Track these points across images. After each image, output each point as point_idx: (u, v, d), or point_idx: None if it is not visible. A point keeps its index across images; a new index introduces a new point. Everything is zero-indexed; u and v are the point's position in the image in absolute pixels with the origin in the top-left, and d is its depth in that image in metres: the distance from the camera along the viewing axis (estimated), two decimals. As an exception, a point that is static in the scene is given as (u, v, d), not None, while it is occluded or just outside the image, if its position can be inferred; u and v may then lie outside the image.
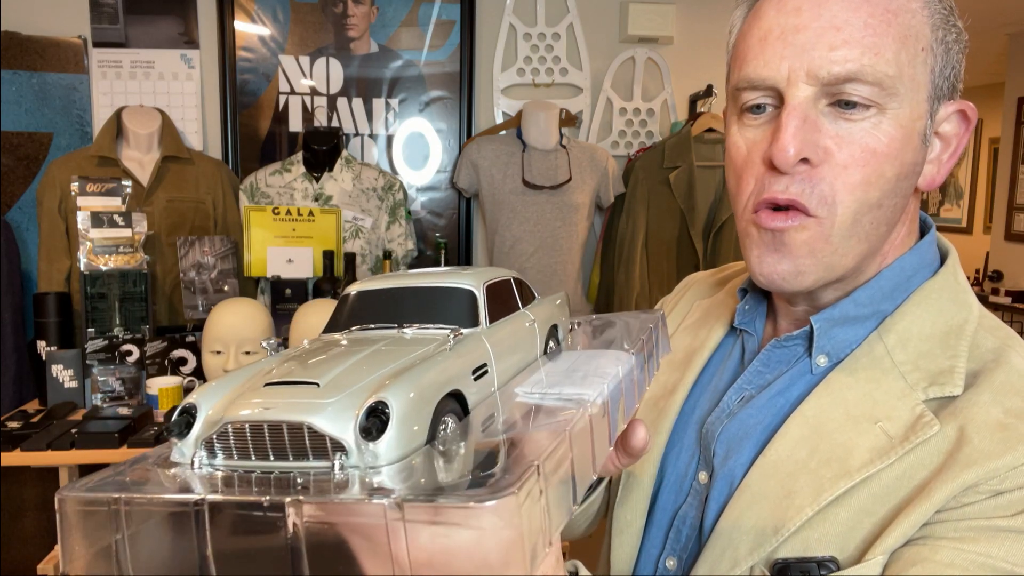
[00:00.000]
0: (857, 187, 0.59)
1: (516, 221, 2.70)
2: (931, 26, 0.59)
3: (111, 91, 2.73)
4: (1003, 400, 0.57)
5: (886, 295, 0.65)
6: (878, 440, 0.59)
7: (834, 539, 0.58)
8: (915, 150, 0.60)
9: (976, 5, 3.42)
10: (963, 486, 0.55)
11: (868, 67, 0.56)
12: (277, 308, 2.27)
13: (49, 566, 1.87)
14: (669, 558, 0.69)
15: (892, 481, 0.58)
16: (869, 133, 0.58)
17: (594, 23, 2.98)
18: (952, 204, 5.86)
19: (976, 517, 0.54)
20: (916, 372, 0.61)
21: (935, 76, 0.60)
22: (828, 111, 0.59)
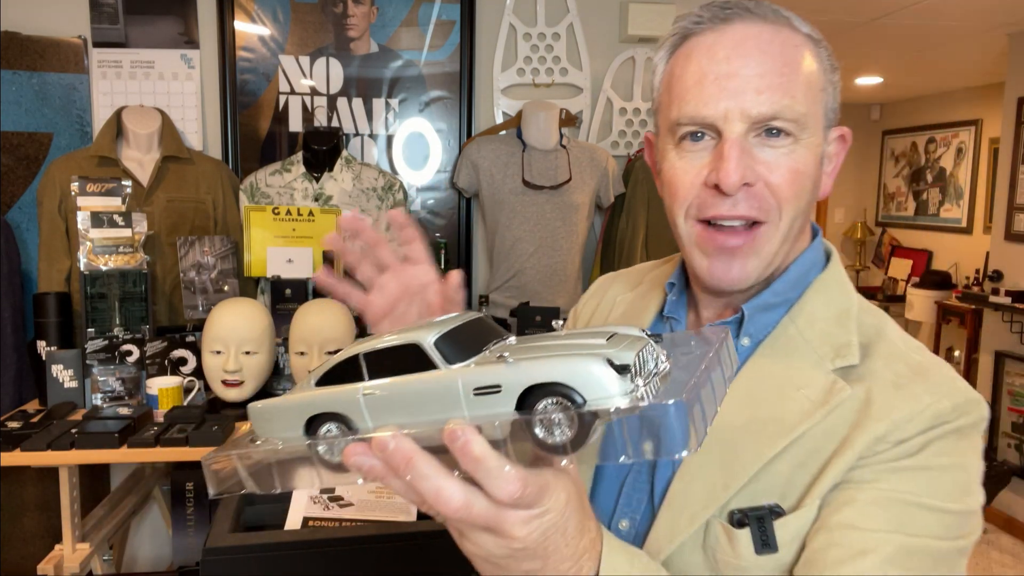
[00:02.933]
0: (792, 199, 0.73)
1: (516, 221, 2.70)
2: (822, 71, 0.74)
3: (111, 91, 2.73)
4: (891, 366, 0.72)
5: (793, 285, 0.79)
6: (803, 404, 0.71)
7: (775, 489, 0.70)
8: (818, 168, 0.75)
9: (976, 5, 3.42)
10: (875, 437, 0.68)
11: (787, 107, 0.70)
12: (277, 308, 2.27)
13: (49, 566, 1.87)
14: (622, 521, 0.78)
15: (819, 437, 0.70)
16: (789, 157, 0.72)
17: (594, 23, 2.98)
18: (952, 204, 5.86)
19: (887, 461, 0.68)
20: (824, 347, 0.74)
21: (827, 110, 0.75)
22: (756, 141, 0.72)
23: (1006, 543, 3.84)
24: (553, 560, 0.54)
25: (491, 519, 0.50)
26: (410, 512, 1.22)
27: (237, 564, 1.06)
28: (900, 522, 0.66)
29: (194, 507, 2.33)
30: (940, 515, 0.67)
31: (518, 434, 0.48)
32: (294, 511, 1.19)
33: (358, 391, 0.53)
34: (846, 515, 0.66)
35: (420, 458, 0.50)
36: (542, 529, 0.52)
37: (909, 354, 0.74)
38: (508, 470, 0.48)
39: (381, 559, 1.10)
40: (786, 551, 0.68)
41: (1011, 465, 3.85)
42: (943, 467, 0.68)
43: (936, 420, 0.68)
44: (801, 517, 0.68)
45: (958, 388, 0.71)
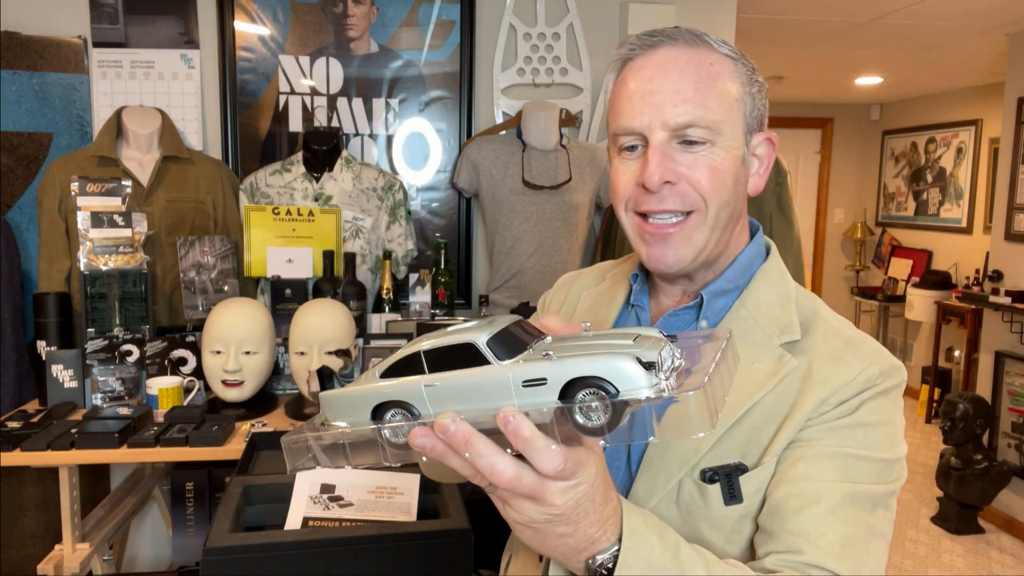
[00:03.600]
0: (714, 191, 0.85)
1: (516, 221, 2.70)
2: (739, 84, 0.86)
3: (111, 91, 2.73)
4: (828, 340, 0.86)
5: (740, 273, 0.92)
6: (758, 375, 0.84)
7: (738, 448, 0.82)
8: (739, 168, 0.87)
9: (976, 5, 3.42)
10: (818, 400, 0.81)
11: (701, 116, 0.83)
12: (277, 308, 2.27)
13: (49, 566, 1.87)
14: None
15: (772, 403, 0.83)
16: (708, 157, 0.85)
17: (594, 23, 2.98)
18: (952, 204, 5.85)
19: (829, 420, 0.81)
20: (771, 326, 0.88)
21: (747, 117, 0.87)
22: (678, 147, 0.85)
23: (1006, 543, 3.84)
24: (583, 524, 0.65)
25: (535, 489, 0.61)
26: (410, 512, 1.22)
27: (237, 564, 1.06)
28: (845, 472, 0.79)
29: (194, 507, 2.33)
30: (875, 464, 0.80)
31: (561, 419, 0.59)
32: (294, 511, 1.19)
33: (420, 383, 0.63)
34: (800, 469, 0.79)
35: (477, 438, 0.60)
36: (576, 498, 0.63)
37: (842, 329, 0.89)
38: (553, 448, 0.59)
39: (381, 559, 1.10)
40: (750, 501, 0.81)
41: (1011, 465, 3.85)
42: (875, 423, 0.81)
43: (867, 384, 0.82)
44: (762, 472, 0.81)
45: (883, 357, 0.85)
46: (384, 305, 2.51)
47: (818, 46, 4.34)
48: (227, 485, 1.29)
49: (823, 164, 6.85)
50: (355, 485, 1.23)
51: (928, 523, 4.04)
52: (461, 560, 1.13)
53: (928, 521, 4.05)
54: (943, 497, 4.02)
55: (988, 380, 4.08)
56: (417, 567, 1.11)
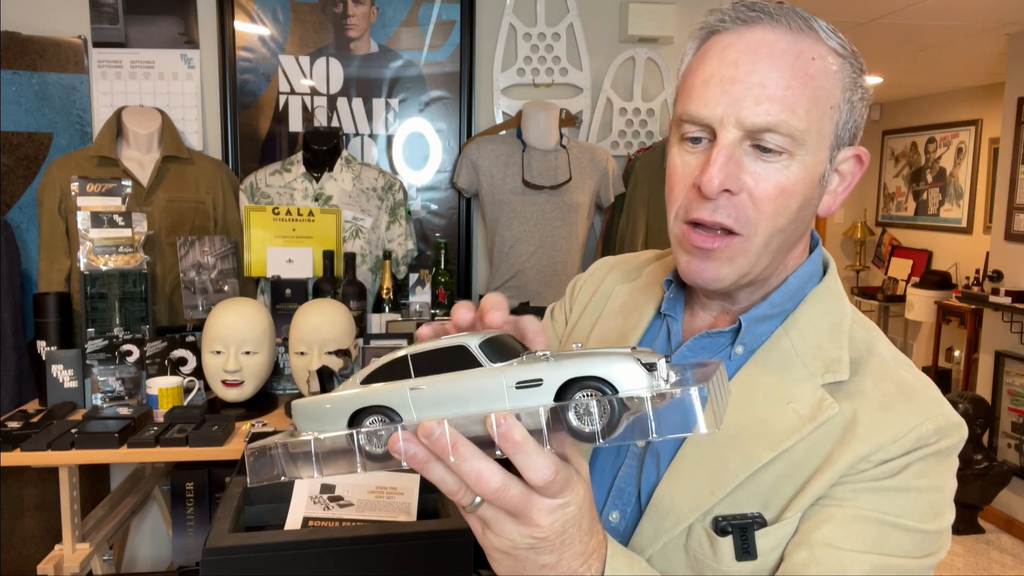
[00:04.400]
0: (770, 216, 0.73)
1: (516, 221, 2.70)
2: (841, 88, 0.72)
3: (111, 91, 2.73)
4: (880, 385, 0.74)
5: (789, 297, 0.80)
6: (791, 419, 0.73)
7: (758, 498, 0.72)
8: (814, 188, 0.74)
9: (976, 5, 3.42)
10: (858, 456, 0.70)
11: (784, 122, 0.70)
12: (277, 308, 2.27)
13: (49, 566, 1.87)
14: (613, 512, 0.81)
15: (805, 452, 0.72)
16: (780, 173, 0.71)
17: (594, 23, 2.98)
18: (952, 204, 5.86)
19: (869, 480, 0.70)
20: (815, 361, 0.75)
21: (839, 128, 0.73)
22: (750, 151, 0.72)
23: (1006, 543, 3.84)
24: (567, 556, 0.58)
25: (522, 503, 0.55)
26: (410, 512, 1.22)
27: (237, 564, 1.06)
28: (876, 541, 0.68)
29: (194, 507, 2.33)
30: (914, 535, 0.70)
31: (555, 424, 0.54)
32: (294, 511, 1.19)
33: (406, 386, 0.58)
34: (826, 532, 0.68)
35: (463, 443, 0.55)
36: (563, 520, 0.57)
37: (898, 371, 0.76)
38: (542, 455, 0.54)
39: (381, 559, 1.10)
40: (765, 559, 0.71)
41: (1011, 465, 3.85)
42: (921, 488, 0.70)
43: (918, 443, 0.70)
44: (782, 529, 0.71)
45: (942, 412, 0.73)
46: (384, 305, 2.51)
47: (818, 46, 4.33)
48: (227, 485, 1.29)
49: (823, 164, 6.85)
50: (355, 485, 1.23)
51: (928, 523, 4.04)
52: (461, 560, 1.13)
53: (928, 521, 4.05)
54: (943, 497, 4.02)
55: (988, 380, 4.09)
56: (417, 567, 1.11)
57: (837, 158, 0.75)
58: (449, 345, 0.58)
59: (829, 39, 0.72)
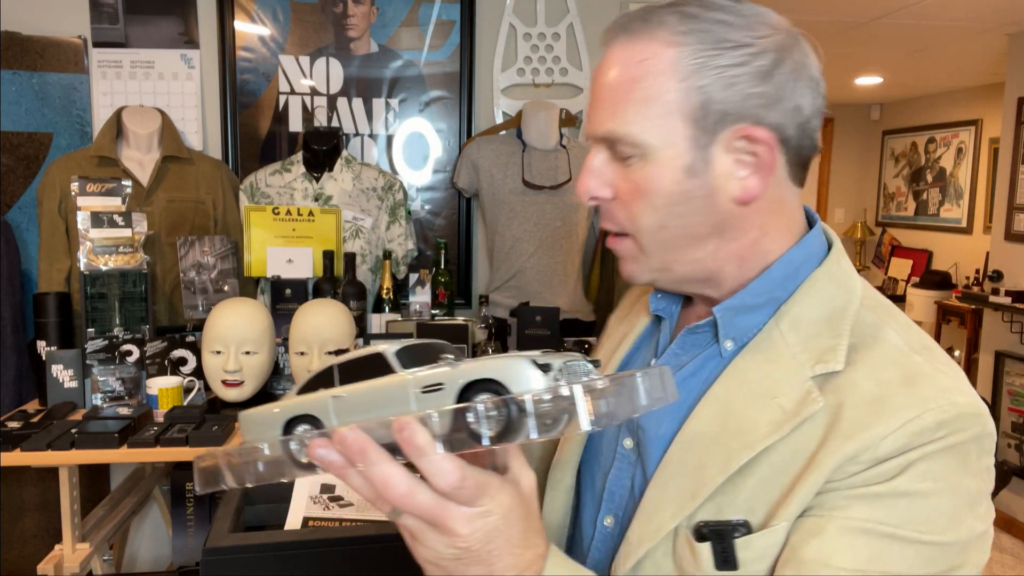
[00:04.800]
0: (640, 216, 0.72)
1: (516, 221, 2.70)
2: (679, 78, 0.68)
3: (111, 91, 2.73)
4: (878, 373, 0.66)
5: (778, 284, 0.74)
6: (775, 415, 0.67)
7: (743, 504, 0.66)
8: (681, 181, 0.70)
9: (976, 5, 3.42)
10: (845, 457, 0.63)
11: (614, 130, 0.70)
12: (277, 308, 2.27)
13: (49, 566, 1.87)
14: (607, 517, 0.79)
15: (788, 452, 0.66)
16: (636, 174, 0.71)
17: (594, 23, 2.98)
18: (952, 204, 5.86)
19: (858, 486, 0.63)
20: (805, 352, 0.69)
21: (694, 117, 0.68)
22: (612, 159, 0.73)
23: (1006, 543, 3.84)
24: (498, 567, 0.56)
25: (435, 511, 0.54)
26: None
27: (237, 564, 1.06)
28: (873, 557, 0.61)
29: (194, 507, 2.33)
30: (921, 548, 0.61)
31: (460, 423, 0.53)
32: (294, 511, 1.19)
33: (329, 395, 0.61)
34: (814, 548, 0.62)
35: (371, 447, 0.54)
36: (485, 530, 0.55)
37: (908, 356, 0.67)
38: (447, 460, 0.53)
39: (381, 559, 1.10)
40: (747, 569, 0.65)
41: (1011, 465, 3.85)
42: (926, 493, 0.62)
43: (918, 438, 0.62)
44: (766, 537, 0.65)
45: (951, 400, 0.63)
46: (384, 305, 2.51)
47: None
48: (227, 485, 1.29)
49: (823, 164, 6.85)
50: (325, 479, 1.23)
51: (928, 523, 4.04)
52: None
53: (928, 521, 4.06)
54: (943, 497, 4.02)
55: (988, 380, 4.09)
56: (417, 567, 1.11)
57: (713, 144, 0.69)
58: (368, 354, 0.61)
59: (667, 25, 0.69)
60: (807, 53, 0.72)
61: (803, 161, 0.74)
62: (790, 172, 0.74)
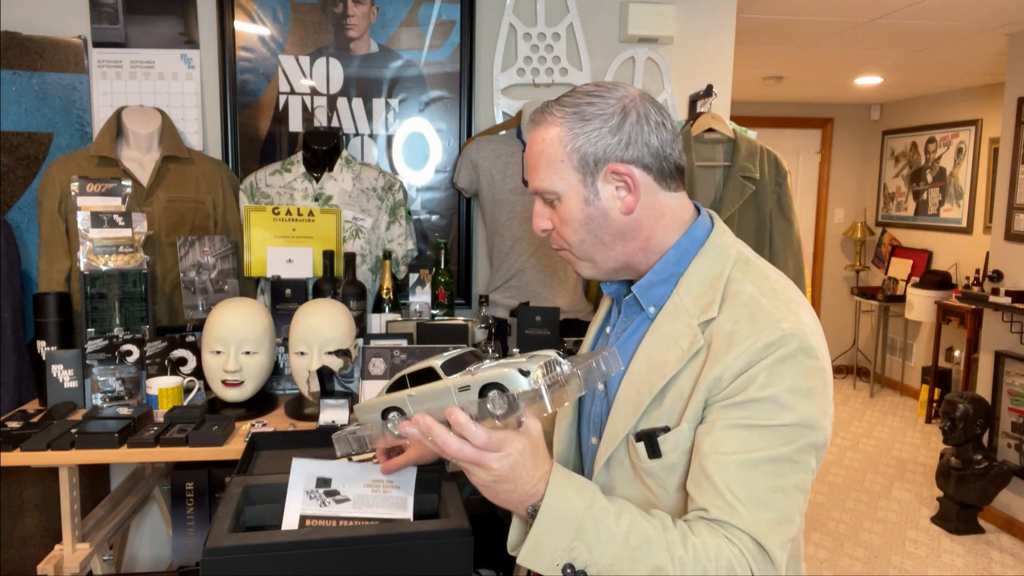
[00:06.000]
0: (570, 233, 1.07)
1: (516, 221, 2.70)
2: (563, 146, 1.03)
3: (111, 91, 2.73)
4: (734, 314, 0.97)
5: (675, 263, 1.06)
6: (678, 352, 0.99)
7: (664, 416, 1.00)
8: (585, 208, 1.05)
9: (976, 5, 3.42)
10: (714, 379, 0.94)
11: (540, 185, 1.06)
12: (277, 308, 2.27)
13: (49, 566, 1.87)
14: (593, 437, 1.14)
15: (686, 377, 0.98)
16: (559, 209, 1.06)
17: (594, 23, 2.98)
18: (952, 204, 5.85)
19: (727, 397, 0.94)
20: (695, 307, 1.01)
21: (580, 168, 1.03)
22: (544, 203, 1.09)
23: (1006, 543, 3.84)
24: (521, 484, 0.92)
25: (476, 457, 0.91)
26: (406, 507, 1.22)
27: (237, 564, 1.06)
28: (743, 441, 0.92)
29: (194, 507, 2.33)
30: (773, 430, 0.92)
31: (483, 410, 0.93)
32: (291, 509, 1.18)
33: (405, 394, 1.03)
34: (707, 443, 0.94)
35: (436, 426, 0.94)
36: (510, 464, 0.91)
37: (757, 299, 0.97)
38: (480, 429, 0.91)
39: (381, 559, 1.10)
40: (668, 457, 0.98)
41: (1011, 465, 3.85)
42: (766, 397, 0.92)
43: (753, 357, 0.92)
44: (676, 435, 0.98)
45: (777, 326, 0.93)
46: (384, 305, 2.51)
47: (818, 46, 4.34)
48: (227, 485, 1.29)
49: (823, 164, 6.85)
50: (351, 479, 1.23)
51: (928, 523, 4.04)
52: (461, 560, 1.13)
53: (928, 521, 4.05)
54: (943, 497, 4.02)
55: (988, 380, 4.09)
56: (417, 567, 1.11)
57: (597, 181, 1.03)
58: (424, 367, 1.02)
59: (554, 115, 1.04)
60: (648, 105, 1.03)
61: (668, 174, 1.05)
62: (661, 184, 1.05)
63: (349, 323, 2.04)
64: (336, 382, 1.96)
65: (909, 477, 4.66)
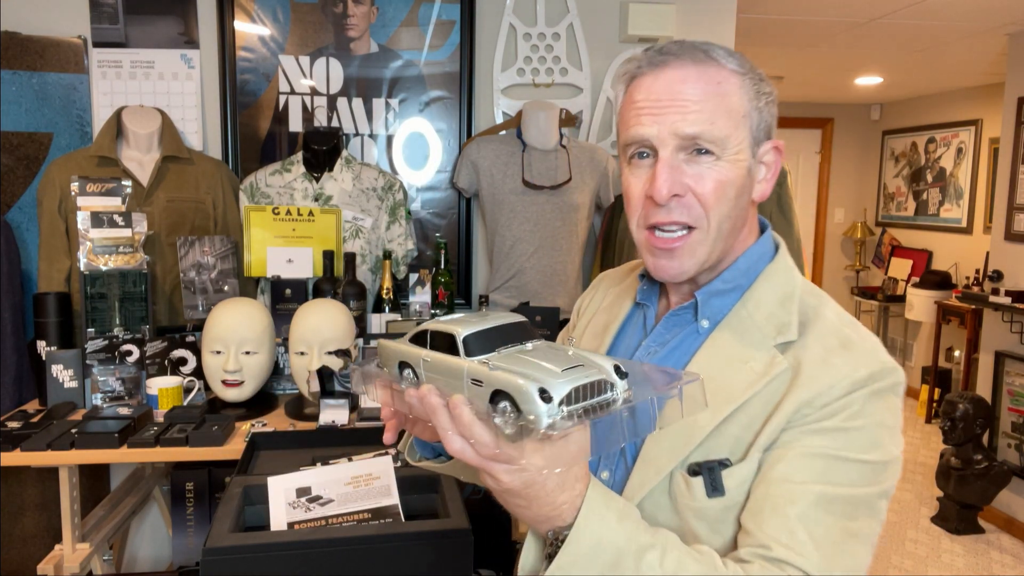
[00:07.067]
0: (715, 205, 0.89)
1: (516, 221, 2.70)
2: (748, 99, 0.89)
3: (111, 91, 2.73)
4: (822, 341, 0.87)
5: (743, 274, 0.94)
6: (749, 376, 0.86)
7: (725, 446, 0.85)
8: (743, 178, 0.90)
9: (976, 5, 3.42)
10: (801, 402, 0.83)
11: (707, 131, 0.86)
12: (277, 308, 2.27)
13: (49, 566, 1.87)
14: (603, 472, 0.95)
15: (760, 403, 0.85)
16: (713, 170, 0.88)
17: (594, 23, 2.98)
18: (952, 204, 5.85)
19: (811, 423, 0.82)
20: (768, 326, 0.90)
21: (753, 131, 0.90)
22: (685, 158, 0.88)
23: (1006, 543, 3.84)
24: (536, 504, 0.75)
25: (480, 464, 0.72)
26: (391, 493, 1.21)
27: (237, 564, 1.06)
28: (822, 473, 0.80)
29: (194, 507, 2.33)
30: (858, 465, 0.81)
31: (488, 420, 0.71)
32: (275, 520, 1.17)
33: (421, 355, 0.81)
34: (779, 470, 0.81)
35: (441, 412, 0.73)
36: (522, 480, 0.72)
37: (841, 329, 0.89)
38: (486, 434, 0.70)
39: (381, 559, 1.10)
40: (732, 495, 0.84)
41: (1011, 465, 3.85)
42: (859, 427, 0.82)
43: (853, 387, 0.83)
44: (744, 467, 0.84)
45: (876, 359, 0.85)
46: (384, 305, 2.51)
47: (818, 46, 4.34)
48: (227, 485, 1.29)
49: (823, 164, 6.85)
50: (330, 481, 1.23)
51: (928, 523, 4.04)
52: (461, 560, 1.13)
53: (928, 521, 4.05)
54: (943, 497, 4.02)
55: (988, 380, 4.08)
56: (417, 567, 1.11)
57: (759, 152, 0.91)
58: (446, 331, 0.79)
59: (728, 62, 0.89)
60: None
61: None
62: None
63: (349, 323, 2.04)
64: (336, 382, 1.96)
65: (909, 477, 4.66)
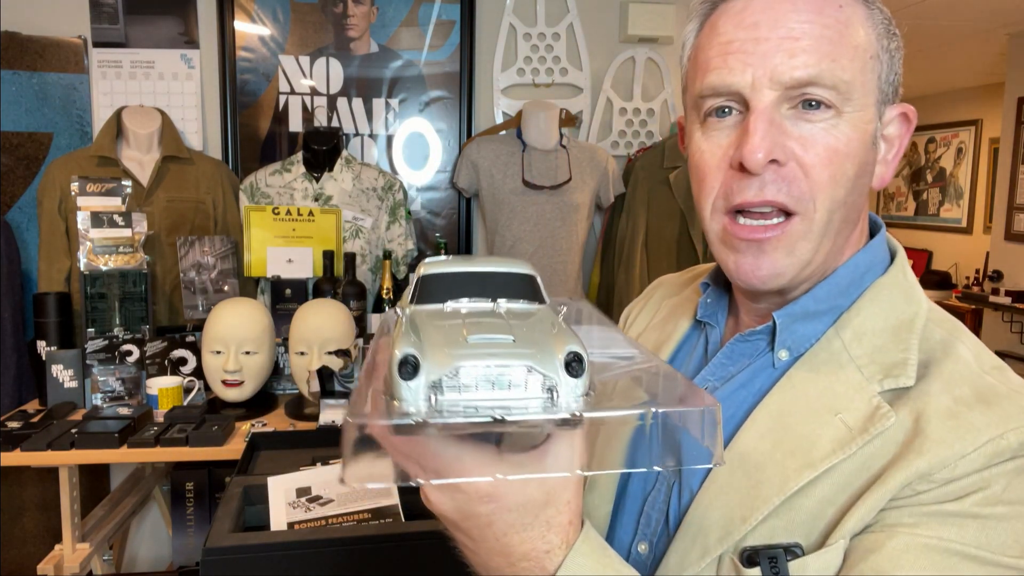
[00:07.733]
0: (827, 185, 0.62)
1: (516, 221, 2.70)
2: (876, 35, 0.64)
3: (111, 91, 2.73)
4: (952, 389, 0.60)
5: (842, 291, 0.68)
6: (839, 431, 0.61)
7: (799, 527, 0.60)
8: (867, 151, 0.64)
9: (976, 5, 3.42)
10: (917, 474, 0.57)
11: (827, 71, 0.60)
12: (277, 308, 2.27)
13: (49, 566, 1.87)
14: (640, 543, 0.72)
15: (853, 470, 0.60)
16: (829, 133, 0.62)
17: (594, 23, 2.98)
18: (952, 204, 5.86)
19: (929, 503, 0.57)
20: (872, 365, 0.63)
21: (881, 82, 0.64)
22: (790, 114, 0.62)
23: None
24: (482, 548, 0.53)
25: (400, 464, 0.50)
26: (391, 493, 1.21)
27: (237, 564, 1.06)
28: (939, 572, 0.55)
29: (194, 507, 2.33)
30: (992, 570, 0.55)
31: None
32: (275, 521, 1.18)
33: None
34: (873, 564, 0.56)
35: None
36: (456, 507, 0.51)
37: (981, 376, 0.62)
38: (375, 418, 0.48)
39: (381, 559, 1.10)
40: None
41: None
42: (1000, 515, 0.56)
43: (997, 457, 0.56)
44: (822, 558, 0.58)
45: None
46: (384, 305, 2.51)
47: (818, 46, 4.33)
48: (227, 485, 1.29)
49: (823, 164, 6.85)
50: (330, 481, 1.23)
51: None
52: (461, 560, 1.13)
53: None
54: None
55: (988, 380, 4.08)
56: (418, 566, 1.11)
57: (884, 117, 0.66)
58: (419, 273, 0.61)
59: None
60: None
61: None
62: None
63: (349, 323, 2.04)
64: (336, 382, 1.95)
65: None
